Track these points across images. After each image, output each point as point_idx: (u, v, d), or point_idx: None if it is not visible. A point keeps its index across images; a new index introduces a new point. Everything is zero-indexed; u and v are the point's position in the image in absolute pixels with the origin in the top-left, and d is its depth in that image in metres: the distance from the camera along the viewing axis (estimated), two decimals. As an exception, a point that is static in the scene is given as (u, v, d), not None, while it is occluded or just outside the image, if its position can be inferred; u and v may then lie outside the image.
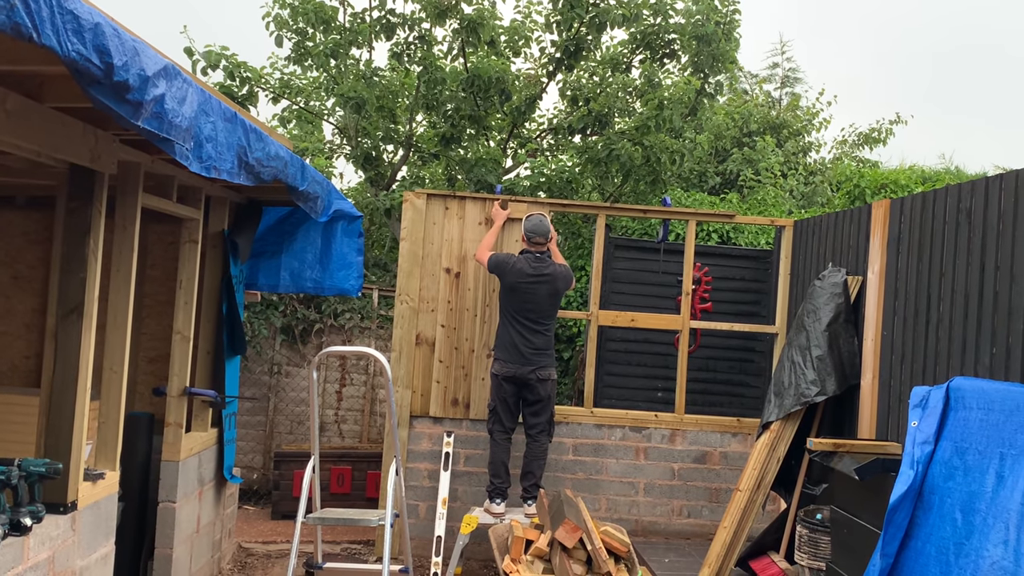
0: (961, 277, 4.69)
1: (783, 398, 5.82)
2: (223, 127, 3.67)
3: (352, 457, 8.29)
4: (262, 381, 9.05)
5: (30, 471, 3.59)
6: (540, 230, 6.49)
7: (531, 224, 6.52)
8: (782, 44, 18.27)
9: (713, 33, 9.09)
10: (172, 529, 5.42)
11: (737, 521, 5.77)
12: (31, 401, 4.52)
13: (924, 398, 4.03)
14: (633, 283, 7.77)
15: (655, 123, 8.90)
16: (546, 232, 6.50)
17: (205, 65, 9.18)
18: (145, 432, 5.61)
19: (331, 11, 9.44)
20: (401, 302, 7.06)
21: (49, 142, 3.50)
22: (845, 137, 14.01)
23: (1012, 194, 4.30)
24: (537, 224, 6.50)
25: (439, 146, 9.56)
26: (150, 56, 2.96)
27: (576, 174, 9.46)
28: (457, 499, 6.97)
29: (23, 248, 6.14)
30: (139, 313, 6.24)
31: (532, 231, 6.50)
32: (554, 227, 6.86)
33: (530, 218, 6.57)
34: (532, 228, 6.50)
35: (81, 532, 4.05)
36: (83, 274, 3.94)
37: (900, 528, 3.82)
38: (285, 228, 6.70)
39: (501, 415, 6.47)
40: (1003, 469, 3.52)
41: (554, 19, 9.35)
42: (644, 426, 7.12)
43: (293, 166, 4.75)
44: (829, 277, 5.98)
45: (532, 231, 6.50)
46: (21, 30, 2.30)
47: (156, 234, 6.37)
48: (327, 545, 7.23)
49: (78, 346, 3.94)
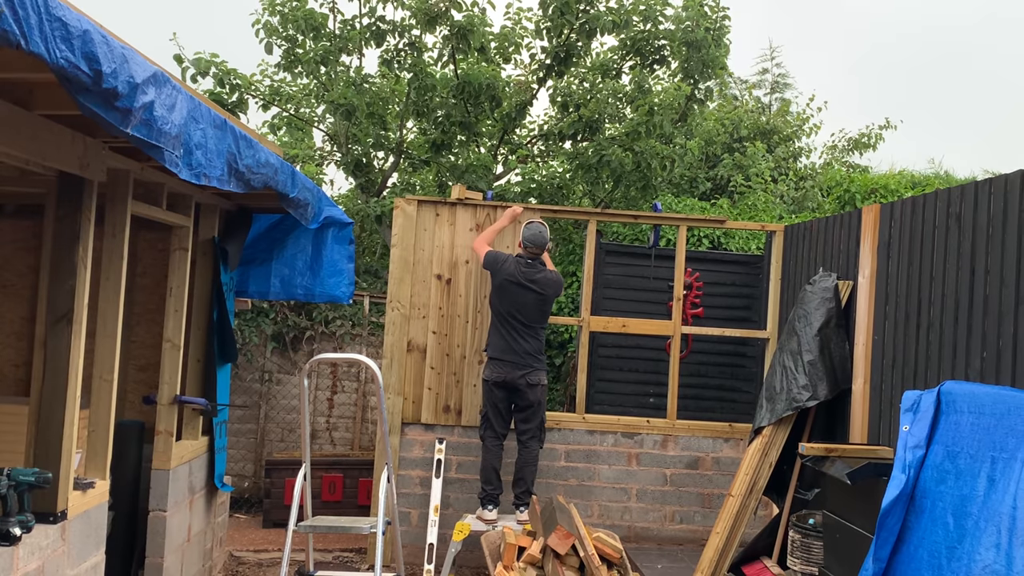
0: (951, 281, 4.70)
1: (775, 403, 5.82)
2: (213, 134, 3.66)
3: (344, 464, 8.26)
4: (253, 389, 9.02)
5: (19, 480, 3.56)
6: (538, 241, 6.46)
7: (530, 233, 6.48)
8: (772, 50, 18.34)
9: (703, 39, 9.13)
10: (163, 538, 5.39)
11: (729, 527, 5.77)
12: (20, 410, 4.49)
13: (915, 402, 4.03)
14: (624, 289, 7.78)
15: (645, 129, 8.93)
16: (543, 244, 6.48)
17: (195, 72, 9.17)
18: (135, 441, 5.58)
19: (321, 18, 9.45)
20: (392, 309, 7.04)
21: (38, 150, 3.48)
22: (835, 142, 14.07)
23: (1001, 198, 4.32)
24: (536, 235, 6.46)
25: (430, 152, 9.56)
26: (139, 63, 2.95)
27: (567, 180, 9.48)
28: (449, 506, 6.95)
29: (12, 256, 6.10)
30: (129, 321, 6.21)
31: (530, 241, 6.46)
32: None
33: (530, 226, 6.51)
34: (530, 238, 6.47)
35: (71, 542, 4.02)
36: (72, 282, 3.92)
37: (892, 532, 3.83)
38: (275, 235, 6.68)
39: (492, 421, 6.47)
40: (994, 473, 3.53)
41: (544, 25, 9.37)
42: (636, 432, 7.12)
43: (283, 173, 4.73)
44: (820, 282, 6.00)
45: (530, 241, 6.46)
46: (8, 37, 2.29)
47: (146, 241, 6.34)
48: (319, 553, 7.20)
49: (67, 354, 3.92)
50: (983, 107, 40.48)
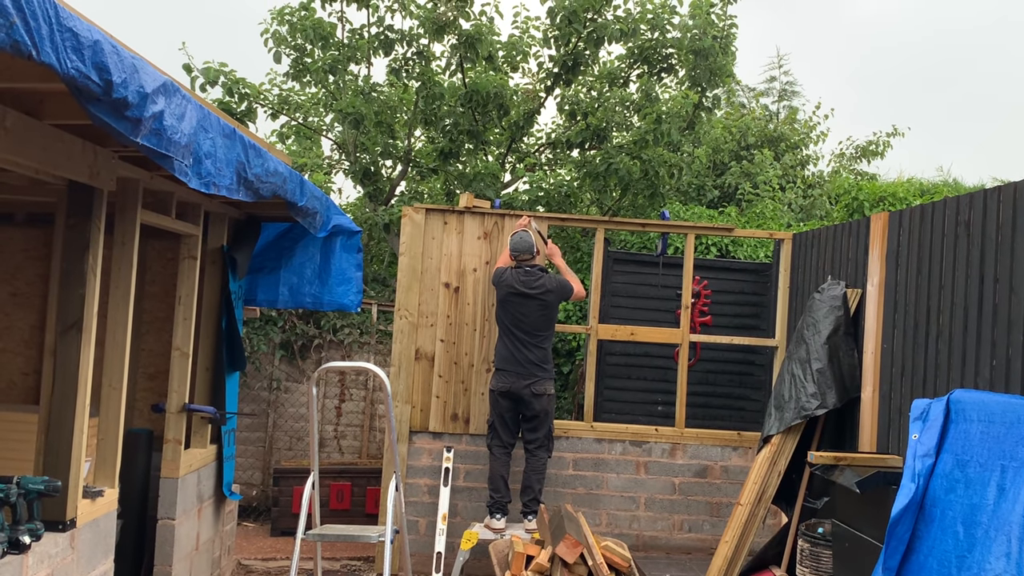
0: (960, 289, 4.69)
1: (783, 411, 5.81)
2: (222, 143, 3.68)
3: (352, 473, 8.26)
4: (261, 397, 9.04)
5: (29, 489, 3.58)
6: (521, 247, 6.55)
7: (513, 242, 6.60)
8: (779, 58, 18.33)
9: (710, 47, 9.13)
10: (171, 546, 5.39)
11: (738, 535, 5.75)
12: (30, 418, 4.51)
13: (925, 411, 4.02)
14: (632, 297, 7.76)
15: (653, 137, 8.93)
16: (528, 248, 6.55)
17: (204, 81, 9.21)
18: (144, 449, 5.59)
19: (329, 27, 9.48)
20: (400, 317, 7.05)
21: (48, 159, 3.50)
22: (843, 150, 14.04)
23: (1010, 206, 4.31)
24: (518, 242, 6.57)
25: (438, 161, 9.58)
26: (149, 73, 2.97)
27: (574, 188, 9.48)
28: (457, 514, 6.94)
29: (22, 265, 6.14)
30: (138, 329, 6.23)
31: (514, 249, 6.58)
32: (553, 242, 6.85)
33: (512, 236, 6.66)
34: (514, 246, 6.58)
35: (80, 550, 4.03)
36: (82, 290, 3.94)
37: (902, 541, 3.81)
38: (284, 243, 6.70)
39: (499, 431, 6.48)
40: (1004, 481, 3.51)
41: (552, 34, 9.39)
42: (644, 440, 7.10)
43: (292, 182, 4.75)
44: (828, 290, 5.98)
45: (514, 249, 6.58)
46: (20, 48, 2.31)
47: (155, 250, 6.37)
48: (327, 562, 7.20)
49: (77, 363, 3.93)
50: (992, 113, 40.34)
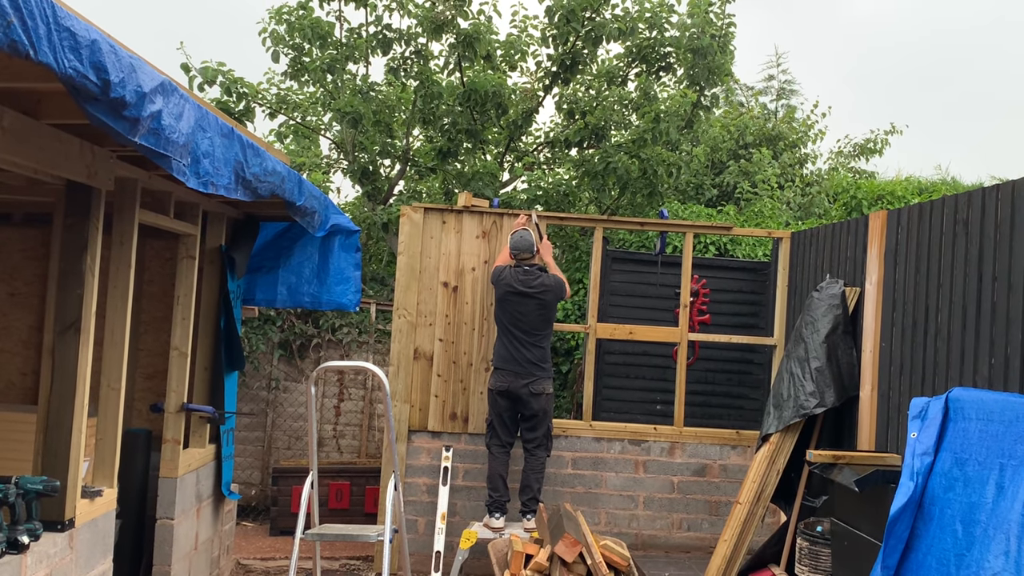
0: (959, 287, 4.69)
1: (782, 410, 5.81)
2: (220, 143, 3.67)
3: (350, 472, 8.26)
4: (260, 396, 9.03)
5: (27, 489, 3.57)
6: (522, 245, 6.57)
7: (513, 241, 6.62)
8: (778, 56, 18.33)
9: (708, 46, 9.13)
10: (170, 546, 5.39)
11: (737, 534, 5.75)
12: (28, 418, 4.51)
13: (923, 409, 4.02)
14: (631, 296, 7.77)
15: (651, 136, 8.93)
16: (529, 247, 6.57)
17: (202, 81, 9.19)
18: (143, 449, 5.59)
19: (328, 27, 9.48)
20: (399, 316, 7.05)
21: (46, 159, 3.50)
22: (841, 148, 14.04)
23: (1009, 204, 4.31)
24: (519, 240, 6.59)
25: (436, 160, 9.57)
26: (147, 72, 2.96)
27: (573, 187, 9.47)
28: (456, 514, 6.94)
29: (20, 265, 6.13)
30: (136, 329, 6.23)
31: (515, 247, 6.60)
32: (551, 240, 6.85)
33: (513, 234, 6.67)
34: (515, 244, 6.60)
35: (79, 550, 4.03)
36: (80, 290, 3.94)
37: (901, 540, 3.81)
38: (282, 243, 6.70)
39: (497, 430, 6.49)
40: (1003, 480, 3.52)
41: (550, 33, 9.38)
42: (643, 439, 7.10)
43: (290, 181, 4.75)
44: (827, 288, 5.99)
45: (515, 247, 6.60)
46: (18, 47, 2.31)
47: (153, 250, 6.36)
48: (326, 561, 7.20)
49: (75, 363, 3.93)
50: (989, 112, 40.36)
